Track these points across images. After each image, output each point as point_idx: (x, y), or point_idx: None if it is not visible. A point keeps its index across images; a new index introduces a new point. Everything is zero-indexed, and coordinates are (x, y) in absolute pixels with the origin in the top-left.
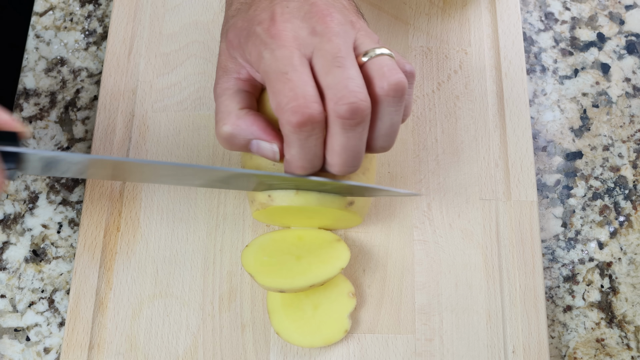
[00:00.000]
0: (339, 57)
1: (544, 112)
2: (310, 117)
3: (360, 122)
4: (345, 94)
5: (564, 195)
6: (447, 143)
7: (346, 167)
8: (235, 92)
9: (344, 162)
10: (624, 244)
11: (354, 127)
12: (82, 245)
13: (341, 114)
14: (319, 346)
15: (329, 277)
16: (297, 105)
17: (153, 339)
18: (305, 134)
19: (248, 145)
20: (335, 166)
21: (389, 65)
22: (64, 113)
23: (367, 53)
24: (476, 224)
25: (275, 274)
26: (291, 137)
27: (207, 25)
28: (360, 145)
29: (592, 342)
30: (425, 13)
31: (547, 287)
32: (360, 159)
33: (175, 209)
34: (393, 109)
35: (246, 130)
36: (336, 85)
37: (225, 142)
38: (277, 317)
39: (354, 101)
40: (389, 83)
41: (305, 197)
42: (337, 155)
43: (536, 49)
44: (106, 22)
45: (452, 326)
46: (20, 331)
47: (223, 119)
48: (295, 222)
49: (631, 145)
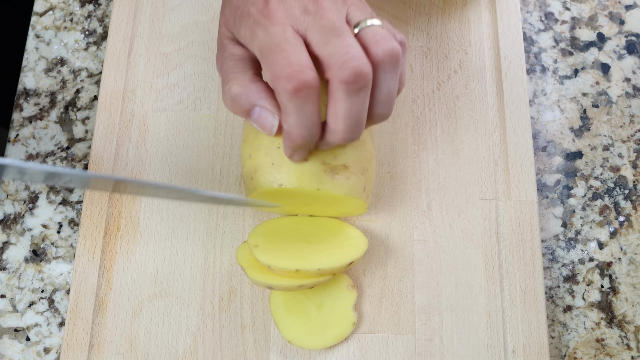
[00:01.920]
0: (335, 28)
1: (544, 112)
2: (306, 82)
3: (363, 86)
4: (347, 59)
5: (564, 195)
6: (447, 143)
7: (349, 133)
8: (244, 58)
9: (347, 127)
10: (624, 244)
11: (358, 92)
12: (82, 245)
13: (345, 79)
14: (331, 344)
15: (323, 279)
16: (291, 71)
17: (153, 339)
18: (302, 99)
19: (250, 111)
20: (339, 132)
21: (381, 34)
22: (64, 113)
23: (358, 24)
24: (476, 224)
25: (266, 270)
26: (288, 104)
27: (207, 25)
28: (363, 111)
29: (592, 342)
30: (425, 13)
31: (547, 287)
32: (362, 125)
33: (175, 209)
34: (389, 75)
35: (254, 94)
36: (338, 52)
37: (231, 101)
38: (285, 325)
39: (357, 65)
40: (383, 50)
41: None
42: (341, 121)
43: (536, 49)
44: (106, 22)
45: (452, 326)
46: (20, 331)
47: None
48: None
49: (631, 145)
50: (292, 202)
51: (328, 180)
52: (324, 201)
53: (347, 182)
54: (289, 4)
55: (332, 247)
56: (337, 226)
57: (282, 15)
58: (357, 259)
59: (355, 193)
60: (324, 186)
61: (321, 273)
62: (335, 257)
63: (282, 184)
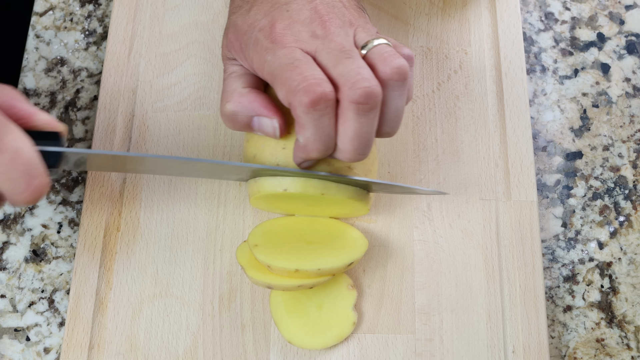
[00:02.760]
0: (345, 50)
1: (544, 112)
2: (323, 94)
3: (373, 107)
4: (358, 79)
5: (564, 195)
6: (447, 143)
7: (357, 154)
8: (241, 75)
9: (355, 148)
10: (624, 244)
11: (367, 113)
12: (82, 245)
13: (355, 99)
14: (332, 344)
15: (322, 280)
16: (308, 84)
17: (153, 339)
18: (319, 112)
19: (250, 124)
20: (347, 152)
21: (388, 52)
22: (64, 113)
23: (365, 46)
24: (476, 224)
25: (266, 269)
26: (305, 118)
27: (207, 25)
28: (372, 132)
29: (592, 342)
30: (425, 13)
31: (547, 287)
32: (370, 146)
33: (175, 209)
34: (397, 93)
35: (248, 107)
36: (348, 73)
37: (229, 121)
38: (285, 325)
39: (368, 86)
40: (391, 67)
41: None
42: (350, 141)
43: (536, 49)
44: (106, 22)
45: (452, 326)
46: (20, 331)
47: (226, 98)
48: (297, 209)
49: (631, 145)
50: (296, 204)
51: (333, 185)
52: (328, 204)
53: (351, 187)
54: (297, 29)
55: (332, 247)
56: (337, 227)
57: (290, 39)
58: (356, 259)
59: (359, 196)
60: (329, 191)
61: (321, 273)
62: (335, 257)
63: (286, 188)
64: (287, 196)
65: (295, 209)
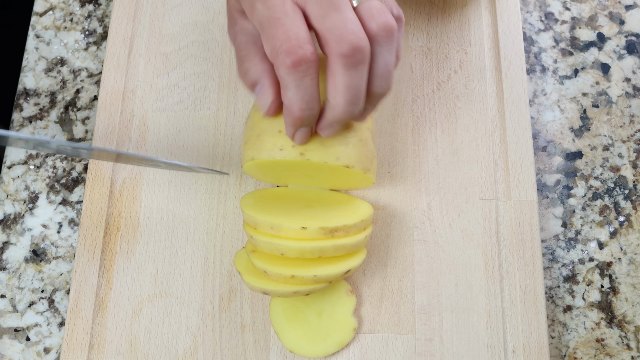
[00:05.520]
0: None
1: (544, 112)
2: (304, 57)
3: (361, 60)
4: (345, 33)
5: (564, 195)
6: (447, 143)
7: (350, 106)
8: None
9: (347, 101)
10: (624, 244)
11: (356, 66)
12: (82, 245)
13: (343, 52)
14: (333, 351)
15: (319, 287)
16: (290, 46)
17: (153, 339)
18: (300, 74)
19: (254, 86)
20: (339, 106)
21: (377, 8)
22: (64, 113)
23: None
24: (476, 224)
25: (262, 275)
26: (287, 79)
27: (207, 25)
28: (362, 85)
29: (592, 342)
30: (425, 13)
31: (547, 287)
32: (362, 99)
33: (175, 209)
34: (385, 49)
35: (260, 72)
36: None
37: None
38: (286, 334)
39: (355, 39)
40: (377, 24)
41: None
42: (341, 94)
43: (536, 49)
44: (106, 22)
45: (452, 326)
46: (20, 331)
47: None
48: (293, 179)
49: (631, 145)
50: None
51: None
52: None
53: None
54: None
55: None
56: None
57: None
58: (354, 267)
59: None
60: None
61: (317, 280)
62: (332, 265)
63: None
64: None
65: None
